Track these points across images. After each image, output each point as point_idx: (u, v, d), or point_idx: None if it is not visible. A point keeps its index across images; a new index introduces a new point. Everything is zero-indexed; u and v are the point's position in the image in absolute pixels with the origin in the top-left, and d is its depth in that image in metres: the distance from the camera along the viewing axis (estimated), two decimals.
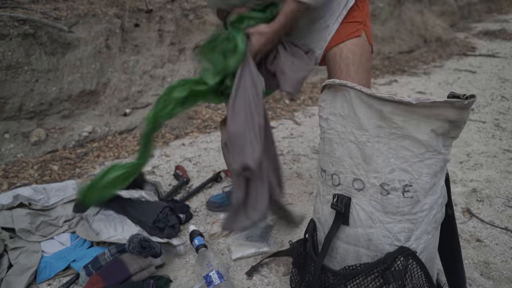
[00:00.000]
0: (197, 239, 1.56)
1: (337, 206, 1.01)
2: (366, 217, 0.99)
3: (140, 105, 3.14)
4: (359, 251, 1.02)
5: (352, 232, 1.02)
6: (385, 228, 0.98)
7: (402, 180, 0.96)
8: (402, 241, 0.98)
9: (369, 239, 1.00)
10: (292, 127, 3.12)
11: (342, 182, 1.03)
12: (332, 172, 1.06)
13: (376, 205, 0.98)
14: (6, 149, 2.45)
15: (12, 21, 2.50)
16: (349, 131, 1.00)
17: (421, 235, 1.00)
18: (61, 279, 1.48)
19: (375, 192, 0.98)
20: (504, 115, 3.19)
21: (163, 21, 3.29)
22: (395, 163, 0.96)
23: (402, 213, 0.97)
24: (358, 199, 1.00)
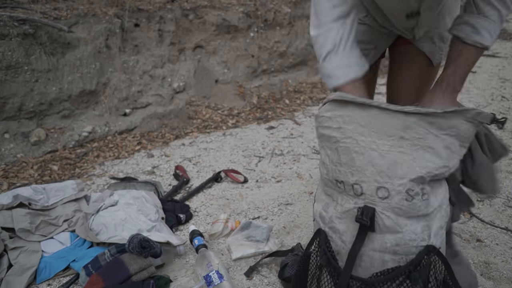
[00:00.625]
0: (197, 239, 1.56)
1: (362, 219, 0.99)
2: (393, 223, 0.99)
3: (140, 105, 3.14)
4: (385, 257, 1.01)
5: (379, 239, 1.01)
6: (411, 231, 0.99)
7: (420, 183, 0.98)
8: (427, 240, 0.99)
9: (397, 244, 0.99)
10: (292, 127, 3.12)
11: (365, 191, 1.01)
12: (353, 182, 1.03)
13: (400, 211, 0.98)
14: (6, 149, 2.45)
15: (12, 21, 2.50)
16: (370, 140, 1.00)
17: (437, 230, 1.01)
18: (61, 279, 1.47)
19: (401, 199, 0.98)
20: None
21: (163, 21, 3.29)
22: (420, 171, 0.97)
23: (422, 214, 0.99)
24: (382, 207, 0.99)
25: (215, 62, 3.69)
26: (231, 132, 3.00)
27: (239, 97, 3.64)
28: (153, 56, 3.25)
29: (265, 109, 3.50)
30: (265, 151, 2.64)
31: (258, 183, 2.19)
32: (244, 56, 3.84)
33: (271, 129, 3.07)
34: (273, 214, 1.88)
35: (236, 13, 3.72)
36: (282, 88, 3.99)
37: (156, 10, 3.28)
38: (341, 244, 1.08)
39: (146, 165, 2.44)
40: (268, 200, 2.00)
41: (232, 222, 1.74)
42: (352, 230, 1.05)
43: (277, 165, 2.42)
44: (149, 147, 2.73)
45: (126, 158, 2.57)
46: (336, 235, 1.10)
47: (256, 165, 2.43)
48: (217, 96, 3.57)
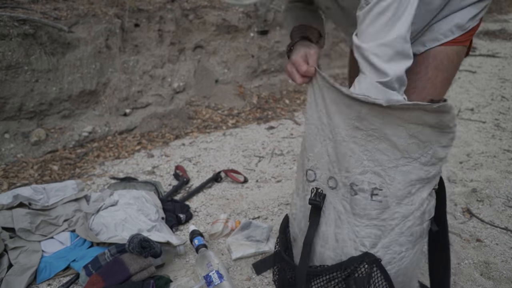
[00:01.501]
0: (197, 239, 1.56)
1: (315, 200, 0.99)
2: (336, 216, 0.99)
3: (140, 105, 3.14)
4: (324, 254, 1.00)
5: (321, 231, 1.00)
6: (352, 230, 0.97)
7: (372, 183, 0.94)
8: (367, 247, 0.95)
9: (336, 239, 0.99)
10: (292, 127, 3.12)
11: (318, 179, 1.02)
12: (308, 167, 1.04)
13: (346, 205, 0.98)
14: (6, 149, 2.45)
15: (12, 21, 2.50)
16: (328, 129, 0.99)
17: (390, 244, 0.96)
18: (61, 279, 1.48)
19: (346, 192, 0.97)
20: (504, 115, 3.19)
21: (163, 21, 3.29)
22: (368, 165, 0.94)
23: (369, 217, 0.95)
24: (331, 197, 1.00)
25: (215, 62, 3.69)
26: (231, 132, 3.00)
27: (239, 97, 3.64)
28: (153, 56, 3.25)
29: (265, 109, 3.50)
30: (265, 151, 2.65)
31: (258, 183, 2.19)
32: (244, 56, 3.84)
33: (271, 129, 3.07)
34: (273, 214, 1.88)
35: (236, 13, 3.72)
36: (282, 88, 4.00)
37: (156, 10, 3.28)
38: (297, 232, 1.09)
39: (146, 165, 2.44)
40: (268, 200, 2.00)
41: (232, 222, 1.74)
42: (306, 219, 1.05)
43: (277, 165, 2.42)
44: (149, 147, 2.73)
45: (126, 158, 2.57)
46: (295, 222, 1.12)
47: (256, 165, 2.43)
48: (217, 96, 3.57)
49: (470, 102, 3.56)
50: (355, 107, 0.93)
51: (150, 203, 1.75)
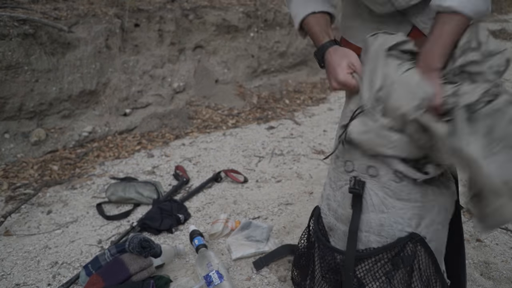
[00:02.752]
0: (197, 239, 1.56)
1: (355, 189, 0.99)
2: (379, 202, 0.99)
3: (140, 105, 3.14)
4: (369, 237, 1.01)
5: (364, 217, 1.01)
6: (397, 214, 0.98)
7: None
8: (413, 227, 0.98)
9: (381, 224, 0.99)
10: (292, 127, 3.12)
11: (356, 169, 1.02)
12: (347, 158, 1.04)
13: (389, 191, 0.98)
14: (6, 149, 2.45)
15: (12, 21, 2.50)
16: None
17: (431, 224, 1.00)
18: (61, 279, 1.48)
19: (389, 180, 0.97)
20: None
21: (163, 21, 3.29)
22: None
23: (414, 199, 0.97)
24: (371, 184, 1.00)
25: (215, 62, 3.69)
26: (231, 132, 3.00)
27: (239, 97, 3.64)
28: (153, 56, 3.25)
29: (265, 109, 3.50)
30: (265, 151, 2.65)
31: (258, 183, 2.19)
32: (244, 56, 3.84)
33: (271, 129, 3.07)
34: (273, 214, 1.88)
35: (236, 13, 3.72)
36: (282, 88, 4.00)
37: (156, 10, 3.28)
38: (333, 222, 1.09)
39: (146, 165, 2.44)
40: (268, 200, 2.00)
41: (232, 222, 1.74)
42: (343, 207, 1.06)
43: (277, 165, 2.42)
44: (149, 147, 2.73)
45: (126, 158, 2.57)
46: (330, 212, 1.12)
47: (256, 165, 2.43)
48: (217, 96, 3.57)
49: None
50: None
51: None
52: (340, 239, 1.08)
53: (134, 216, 1.89)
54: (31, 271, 1.53)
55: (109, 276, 1.31)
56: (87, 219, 1.88)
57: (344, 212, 1.05)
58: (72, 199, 2.05)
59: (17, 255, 1.63)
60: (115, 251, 1.42)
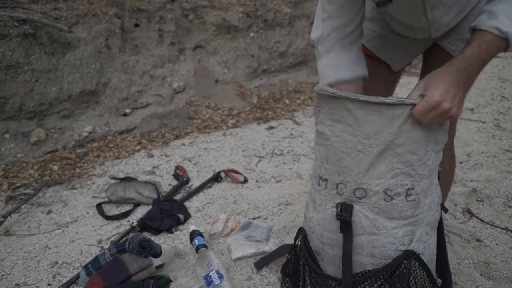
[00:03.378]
0: (197, 239, 1.56)
1: (342, 215, 0.97)
2: (370, 224, 0.97)
3: (140, 105, 3.14)
4: (363, 260, 0.99)
5: (355, 240, 0.99)
6: (389, 234, 0.97)
7: (405, 184, 0.95)
8: (406, 245, 0.97)
9: (373, 246, 0.98)
10: (292, 127, 3.12)
11: (345, 191, 1.00)
12: (339, 181, 1.01)
13: (380, 211, 0.97)
14: (6, 149, 2.45)
15: (12, 21, 2.50)
16: (356, 140, 0.97)
17: (421, 236, 0.99)
18: (61, 279, 1.48)
19: (379, 199, 0.96)
20: (504, 115, 3.19)
21: (163, 21, 3.29)
22: (398, 167, 0.94)
23: (405, 217, 0.97)
24: (360, 206, 0.98)
25: (215, 62, 3.69)
26: (231, 132, 3.00)
27: (239, 97, 3.64)
28: (153, 56, 3.25)
29: (265, 109, 3.50)
30: (265, 151, 2.65)
31: (258, 183, 2.19)
32: (244, 56, 3.84)
33: (271, 129, 3.07)
34: (273, 214, 1.88)
35: (236, 13, 3.72)
36: (282, 88, 4.00)
37: (156, 10, 3.28)
38: (320, 246, 1.07)
39: (146, 165, 2.44)
40: (268, 200, 2.00)
41: (232, 222, 1.74)
42: (330, 231, 1.03)
43: (277, 165, 2.42)
44: (149, 147, 2.73)
45: (126, 158, 2.57)
46: (314, 235, 1.08)
47: (256, 165, 2.43)
48: (217, 96, 3.57)
49: (470, 102, 3.56)
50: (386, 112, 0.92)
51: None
52: (329, 263, 1.06)
53: (134, 216, 1.90)
54: (31, 271, 1.53)
55: (109, 276, 1.31)
56: (87, 219, 1.88)
57: (332, 236, 1.03)
58: (72, 199, 2.05)
59: (17, 255, 1.63)
60: (115, 251, 1.42)
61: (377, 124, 0.94)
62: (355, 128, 0.97)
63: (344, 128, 0.99)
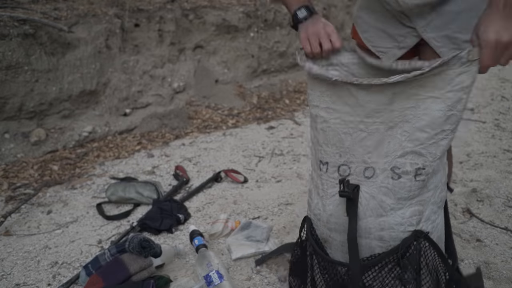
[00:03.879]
0: (197, 239, 1.56)
1: (345, 191, 0.93)
2: (377, 205, 0.95)
3: (140, 105, 3.14)
4: (371, 243, 0.97)
5: (363, 223, 0.96)
6: (397, 215, 0.94)
7: (415, 163, 0.92)
8: (415, 225, 0.95)
9: (381, 228, 0.95)
10: (292, 127, 3.12)
11: (353, 172, 0.98)
12: (341, 163, 0.99)
13: (387, 191, 0.94)
14: (6, 149, 2.45)
15: (12, 21, 2.50)
16: (358, 119, 0.95)
17: (430, 215, 0.97)
18: (61, 279, 1.48)
19: (386, 177, 0.94)
20: (504, 115, 3.19)
21: (163, 21, 3.29)
22: (407, 145, 0.91)
23: (413, 196, 0.94)
24: (367, 187, 0.95)
25: (215, 62, 3.69)
26: (231, 132, 3.00)
27: (239, 97, 3.64)
28: (153, 56, 3.25)
29: (265, 109, 3.50)
30: (265, 151, 2.65)
31: (258, 183, 2.19)
32: (244, 56, 3.84)
33: (271, 129, 3.07)
34: (273, 214, 1.88)
35: (236, 13, 3.72)
36: (282, 88, 4.00)
37: (156, 10, 3.28)
38: (327, 232, 1.05)
39: (146, 165, 2.44)
40: (268, 200, 2.00)
41: (232, 222, 1.74)
42: (336, 216, 1.01)
43: (277, 165, 2.42)
44: (149, 147, 2.73)
45: (126, 158, 2.57)
46: (320, 222, 1.06)
47: (256, 165, 2.43)
48: (217, 96, 3.57)
49: (470, 102, 3.56)
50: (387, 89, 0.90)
51: None
52: (337, 249, 1.04)
53: (134, 216, 1.90)
54: (31, 271, 1.53)
55: (109, 276, 1.31)
56: (87, 219, 1.88)
57: (338, 221, 1.01)
58: (72, 199, 2.05)
59: (17, 255, 1.63)
60: (115, 251, 1.42)
61: (378, 102, 0.92)
62: (356, 108, 0.95)
63: (343, 109, 0.97)
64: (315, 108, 1.04)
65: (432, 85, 0.88)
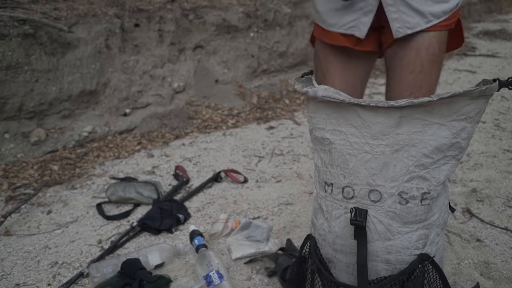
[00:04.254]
0: (197, 239, 1.56)
1: (357, 220, 0.94)
2: (384, 229, 0.95)
3: (140, 105, 3.14)
4: (377, 266, 0.98)
5: (370, 247, 0.97)
6: (404, 239, 0.95)
7: (421, 187, 0.93)
8: (420, 248, 0.96)
9: (388, 252, 0.96)
10: (292, 127, 3.12)
11: (357, 195, 0.98)
12: (345, 184, 0.99)
13: (394, 216, 0.95)
14: (6, 149, 2.45)
15: (12, 21, 2.50)
16: (363, 141, 0.95)
17: (434, 238, 0.98)
18: (61, 279, 1.48)
19: (393, 202, 0.94)
20: (504, 115, 3.19)
21: (163, 21, 3.29)
22: (414, 170, 0.92)
23: (420, 220, 0.95)
24: (374, 211, 0.96)
25: (215, 62, 3.69)
26: (231, 132, 3.00)
27: (239, 97, 3.64)
28: (153, 56, 3.25)
29: (265, 109, 3.50)
30: (265, 151, 2.65)
31: (258, 183, 2.19)
32: (244, 56, 3.84)
33: (271, 129, 3.07)
34: (273, 214, 1.88)
35: (236, 13, 3.72)
36: (282, 88, 4.00)
37: (156, 10, 3.28)
38: (332, 253, 1.05)
39: (146, 165, 2.45)
40: (268, 200, 2.01)
41: (232, 222, 1.75)
42: (343, 238, 1.01)
43: (277, 165, 2.42)
44: (149, 147, 2.73)
45: (126, 158, 2.57)
46: (326, 243, 1.06)
47: (256, 165, 2.43)
48: (217, 96, 3.57)
49: None
50: (394, 114, 0.91)
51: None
52: (342, 270, 1.04)
53: (134, 216, 1.90)
54: (31, 271, 1.53)
55: None
56: (87, 219, 1.88)
57: (345, 243, 1.01)
58: (72, 199, 2.05)
59: (17, 255, 1.63)
60: None
61: (385, 124, 0.92)
62: (362, 129, 0.95)
63: (349, 130, 0.97)
64: (321, 131, 1.04)
65: (438, 112, 0.89)
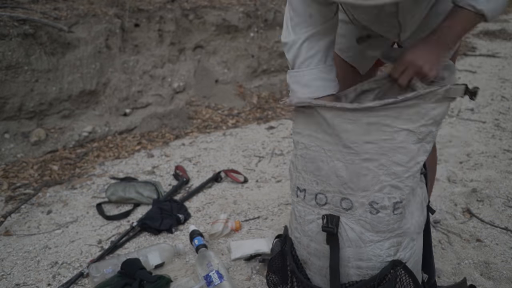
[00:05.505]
0: (197, 239, 1.56)
1: (328, 227, 0.96)
2: (356, 237, 0.96)
3: (140, 105, 3.14)
4: (349, 271, 0.99)
5: (341, 253, 0.98)
6: (375, 247, 0.96)
7: (393, 197, 0.93)
8: (392, 255, 0.97)
9: (360, 258, 0.97)
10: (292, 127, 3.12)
11: (330, 201, 0.99)
12: (318, 191, 1.00)
13: (366, 224, 0.95)
14: (6, 149, 2.45)
15: (12, 21, 2.50)
16: (336, 149, 0.96)
17: (408, 244, 0.99)
18: (61, 279, 1.48)
19: (364, 212, 0.95)
20: (504, 115, 3.19)
21: (163, 21, 3.29)
22: (385, 179, 0.92)
23: (392, 229, 0.95)
24: (346, 218, 0.97)
25: (215, 62, 3.69)
26: (231, 132, 3.00)
27: (239, 97, 3.64)
28: (153, 56, 3.25)
29: (265, 109, 3.50)
30: (265, 151, 2.65)
31: (258, 183, 2.19)
32: (244, 56, 3.84)
33: (271, 129, 3.07)
34: (273, 214, 1.88)
35: (236, 13, 3.72)
36: (282, 88, 3.99)
37: (156, 10, 3.28)
38: (306, 255, 1.06)
39: (146, 165, 2.44)
40: (268, 200, 2.00)
41: (232, 222, 1.75)
42: (317, 242, 1.02)
43: (277, 165, 2.42)
44: (149, 147, 2.73)
45: (126, 158, 2.57)
46: (301, 246, 1.08)
47: (256, 165, 2.43)
48: (217, 96, 3.57)
49: (470, 102, 3.56)
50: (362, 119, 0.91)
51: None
52: (316, 273, 1.05)
53: (134, 216, 1.90)
54: (31, 271, 1.53)
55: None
56: (87, 219, 1.88)
57: (319, 247, 1.02)
58: (72, 199, 2.05)
59: (17, 255, 1.63)
60: None
61: (353, 132, 0.93)
62: (334, 137, 0.96)
63: (324, 137, 0.98)
64: (297, 135, 1.06)
65: (406, 118, 0.90)
